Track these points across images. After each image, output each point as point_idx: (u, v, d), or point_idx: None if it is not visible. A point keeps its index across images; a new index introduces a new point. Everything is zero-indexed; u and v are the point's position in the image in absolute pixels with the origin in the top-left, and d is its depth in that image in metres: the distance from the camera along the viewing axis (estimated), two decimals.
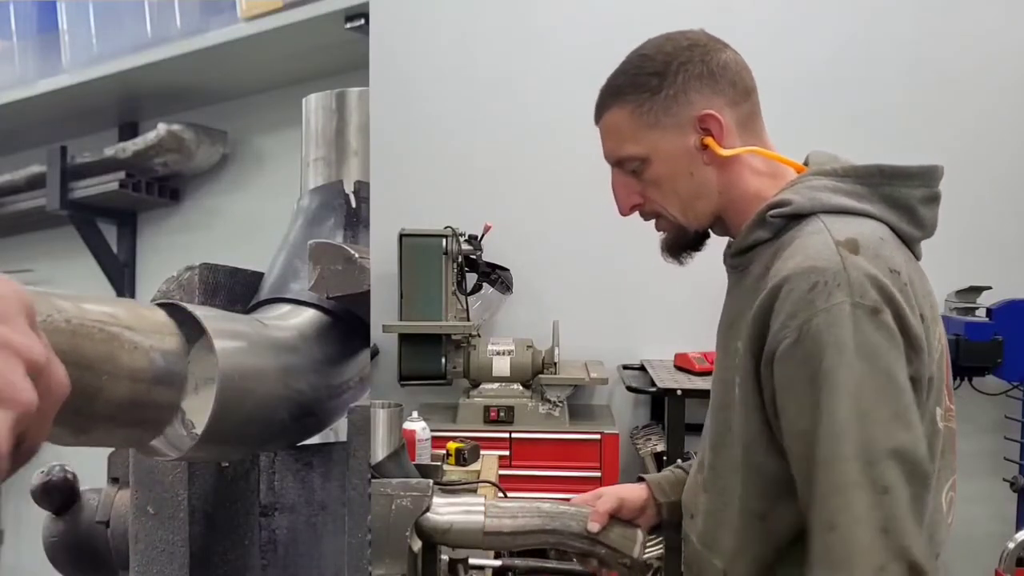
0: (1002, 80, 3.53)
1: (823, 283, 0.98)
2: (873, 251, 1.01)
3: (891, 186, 1.09)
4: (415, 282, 3.25)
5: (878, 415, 0.96)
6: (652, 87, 1.13)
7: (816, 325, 0.97)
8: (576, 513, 1.29)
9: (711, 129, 1.11)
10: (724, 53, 1.14)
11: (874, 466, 0.95)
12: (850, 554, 0.95)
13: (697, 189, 1.15)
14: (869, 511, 0.95)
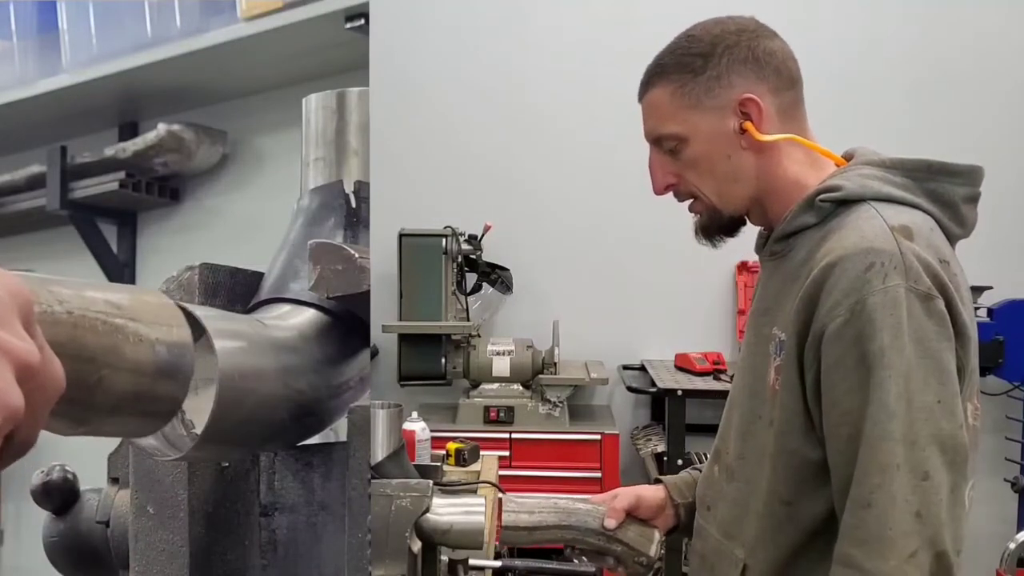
0: (1002, 80, 3.53)
1: (880, 264, 0.99)
2: (926, 240, 1.02)
3: (936, 182, 1.10)
4: (415, 282, 3.25)
5: (925, 400, 0.97)
6: (696, 68, 1.13)
7: (871, 305, 0.98)
8: (593, 510, 1.29)
9: (751, 113, 1.12)
10: (772, 41, 1.15)
11: (917, 450, 0.96)
12: (883, 534, 0.96)
13: (734, 172, 1.15)
14: (908, 494, 0.96)
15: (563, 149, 3.57)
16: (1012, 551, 2.41)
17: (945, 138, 3.49)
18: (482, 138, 3.62)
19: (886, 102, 3.54)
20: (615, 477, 3.06)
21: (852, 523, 0.99)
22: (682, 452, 2.99)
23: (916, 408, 0.97)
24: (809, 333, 1.03)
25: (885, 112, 3.54)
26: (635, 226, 3.50)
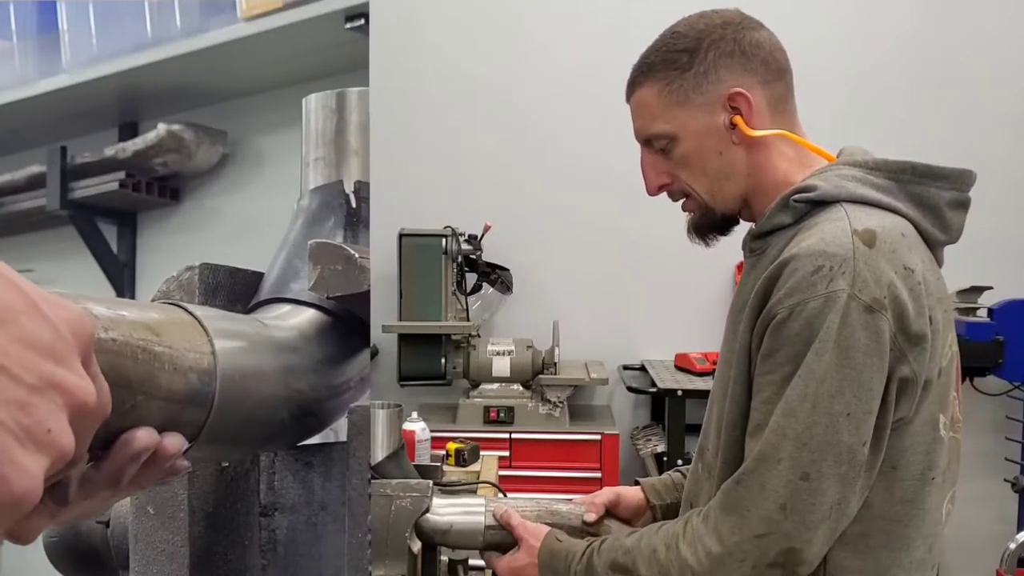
0: (1003, 81, 3.53)
1: (828, 268, 0.98)
2: (890, 246, 1.01)
3: (920, 185, 1.09)
4: (415, 282, 3.25)
5: (832, 408, 0.97)
6: (682, 64, 1.12)
7: (811, 309, 0.98)
8: (573, 509, 1.30)
9: (740, 108, 1.11)
10: (758, 32, 1.14)
11: (806, 452, 0.98)
12: (741, 512, 1.00)
13: (725, 169, 1.14)
14: (778, 487, 0.98)
15: (563, 149, 3.57)
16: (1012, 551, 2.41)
17: (945, 138, 3.49)
18: (482, 138, 3.63)
19: (885, 102, 3.54)
20: (615, 477, 3.06)
21: (726, 487, 1.03)
22: (682, 452, 2.99)
23: (819, 413, 0.97)
24: (759, 321, 1.05)
25: (884, 112, 3.54)
26: (635, 226, 3.50)
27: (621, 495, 1.34)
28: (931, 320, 1.02)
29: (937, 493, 1.06)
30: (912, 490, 1.04)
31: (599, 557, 1.12)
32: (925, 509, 1.05)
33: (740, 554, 1.00)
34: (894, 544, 1.04)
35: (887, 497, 1.03)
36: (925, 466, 1.04)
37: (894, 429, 1.02)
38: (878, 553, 1.04)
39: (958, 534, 3.46)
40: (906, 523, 1.05)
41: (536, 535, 1.19)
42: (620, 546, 1.11)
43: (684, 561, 1.03)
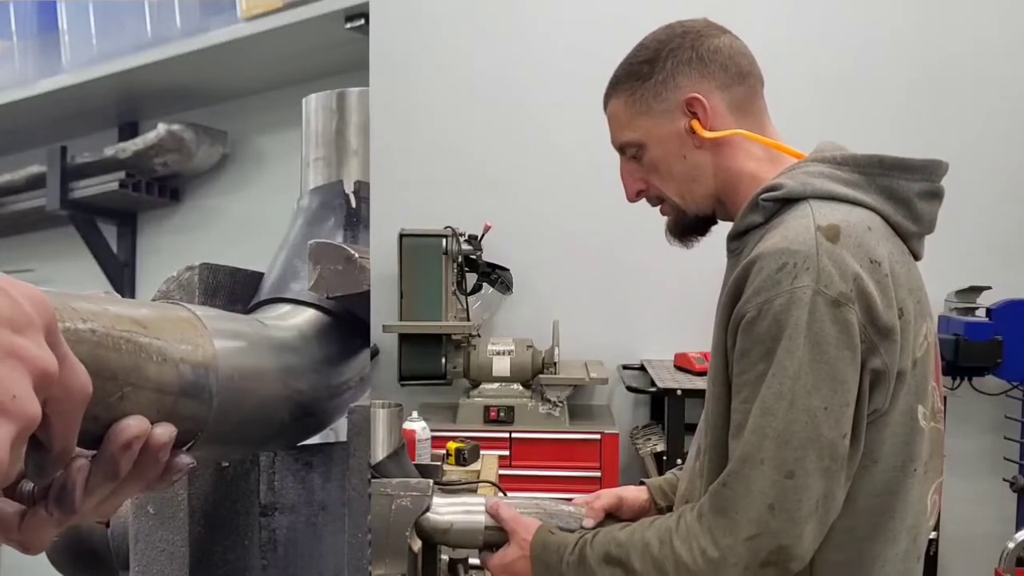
0: (1003, 80, 3.53)
1: (792, 265, 0.99)
2: (855, 240, 1.02)
3: (889, 177, 1.09)
4: (415, 282, 3.25)
5: (810, 403, 0.98)
6: (643, 74, 1.17)
7: (777, 306, 0.99)
8: (575, 512, 1.30)
9: (697, 112, 1.14)
10: (718, 39, 1.16)
11: (788, 450, 0.98)
12: (730, 515, 1.01)
13: (691, 172, 1.17)
14: (765, 487, 0.99)
15: (564, 149, 3.57)
16: (1011, 550, 2.41)
17: (943, 138, 3.49)
18: (482, 138, 3.63)
19: (882, 103, 3.54)
20: (615, 477, 3.07)
21: (714, 490, 1.04)
22: (681, 451, 3.00)
23: (797, 410, 0.98)
24: (730, 322, 1.06)
25: (881, 113, 3.54)
26: (635, 226, 3.50)
27: (623, 498, 1.34)
28: (901, 312, 1.02)
29: (920, 485, 1.07)
30: (894, 482, 1.05)
31: (592, 549, 1.12)
32: (908, 501, 1.06)
33: (734, 557, 1.01)
34: (878, 537, 1.05)
35: (869, 490, 1.04)
36: (906, 457, 1.05)
37: (871, 422, 1.02)
38: (862, 546, 1.05)
39: (957, 533, 3.48)
40: (890, 515, 1.05)
41: (528, 528, 1.20)
42: (613, 539, 1.12)
43: (679, 558, 1.04)
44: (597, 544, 1.13)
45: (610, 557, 1.10)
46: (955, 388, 3.35)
